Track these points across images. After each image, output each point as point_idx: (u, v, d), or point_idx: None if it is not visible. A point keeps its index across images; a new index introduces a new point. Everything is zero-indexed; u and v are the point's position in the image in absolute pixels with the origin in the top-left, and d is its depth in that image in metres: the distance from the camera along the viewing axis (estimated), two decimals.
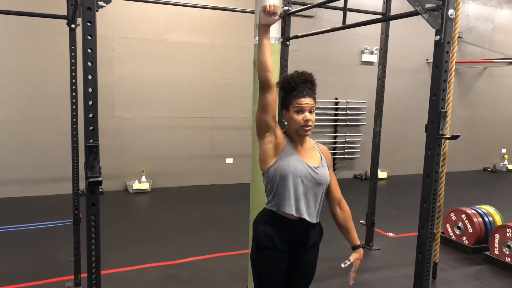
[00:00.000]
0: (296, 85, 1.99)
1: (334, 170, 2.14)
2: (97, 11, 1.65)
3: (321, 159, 2.12)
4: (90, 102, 1.64)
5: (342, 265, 2.11)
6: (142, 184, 6.74)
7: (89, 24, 1.60)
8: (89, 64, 1.62)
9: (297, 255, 2.12)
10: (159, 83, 6.90)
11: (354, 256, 2.17)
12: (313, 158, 2.09)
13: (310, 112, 2.00)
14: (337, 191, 2.21)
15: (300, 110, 1.98)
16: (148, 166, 6.94)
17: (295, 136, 2.06)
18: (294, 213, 2.01)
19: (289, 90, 2.01)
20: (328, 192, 2.17)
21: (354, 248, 2.20)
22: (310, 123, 1.99)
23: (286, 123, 2.09)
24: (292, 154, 2.03)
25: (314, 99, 2.03)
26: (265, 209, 2.12)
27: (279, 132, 2.04)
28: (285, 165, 2.00)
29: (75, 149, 3.30)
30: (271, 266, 2.08)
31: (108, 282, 3.50)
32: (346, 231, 2.22)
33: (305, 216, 2.04)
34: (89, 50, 1.61)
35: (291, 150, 2.04)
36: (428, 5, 1.99)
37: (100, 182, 1.64)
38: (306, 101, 1.98)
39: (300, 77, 2.00)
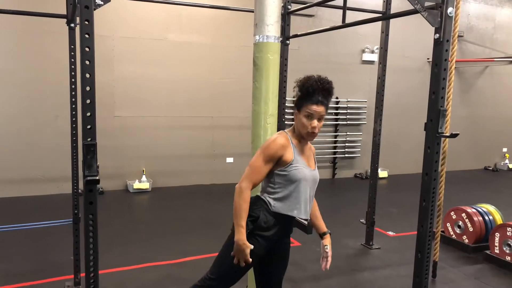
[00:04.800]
0: (313, 91, 2.02)
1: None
2: (95, 9, 1.65)
3: (314, 160, 2.24)
4: (88, 101, 1.63)
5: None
6: (142, 184, 6.74)
7: (86, 22, 1.59)
8: (87, 62, 1.62)
9: (281, 244, 2.22)
10: (159, 83, 6.90)
11: (327, 241, 2.29)
12: (312, 160, 2.21)
13: (319, 119, 2.05)
14: None
15: (310, 116, 2.02)
16: (149, 166, 6.94)
17: (300, 138, 2.12)
18: (303, 216, 2.13)
19: (305, 93, 2.04)
20: None
21: (324, 234, 2.32)
22: (316, 130, 2.04)
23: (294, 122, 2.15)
24: (300, 160, 2.09)
25: (327, 107, 2.07)
26: (266, 199, 2.13)
27: (284, 153, 2.06)
28: (296, 172, 2.06)
29: (74, 148, 3.29)
30: (257, 251, 2.09)
31: (107, 281, 3.50)
32: (316, 218, 2.36)
33: (307, 216, 2.18)
34: (87, 49, 1.61)
35: (299, 157, 2.09)
36: (427, 3, 1.98)
37: (98, 181, 1.64)
38: (318, 109, 2.02)
39: (319, 85, 2.02)
